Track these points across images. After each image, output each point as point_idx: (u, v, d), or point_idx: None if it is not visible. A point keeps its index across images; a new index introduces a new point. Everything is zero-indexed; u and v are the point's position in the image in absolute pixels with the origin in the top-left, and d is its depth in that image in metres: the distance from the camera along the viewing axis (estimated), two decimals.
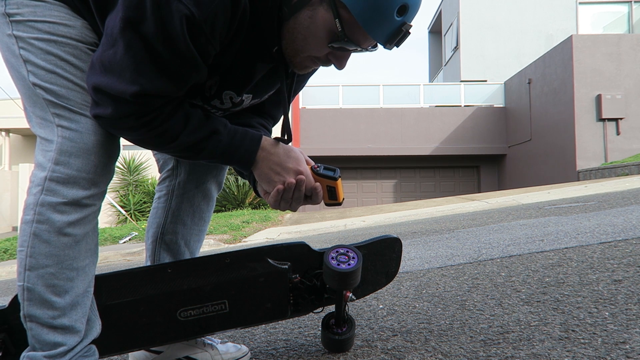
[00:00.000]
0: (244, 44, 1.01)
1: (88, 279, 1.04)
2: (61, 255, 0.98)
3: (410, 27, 0.98)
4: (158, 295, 1.20)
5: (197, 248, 1.38)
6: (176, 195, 1.34)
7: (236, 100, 1.12)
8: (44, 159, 0.99)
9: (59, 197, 0.97)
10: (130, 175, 12.08)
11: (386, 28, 0.96)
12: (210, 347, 1.36)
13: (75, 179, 0.98)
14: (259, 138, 1.09)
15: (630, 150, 10.78)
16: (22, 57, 0.99)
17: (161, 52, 0.91)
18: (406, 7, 0.95)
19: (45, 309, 0.98)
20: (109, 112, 0.96)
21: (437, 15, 21.21)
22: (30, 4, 0.98)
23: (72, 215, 0.98)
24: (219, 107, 1.14)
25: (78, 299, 1.01)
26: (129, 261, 5.68)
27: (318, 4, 0.97)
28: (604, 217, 3.50)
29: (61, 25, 0.99)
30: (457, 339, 1.34)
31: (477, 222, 4.58)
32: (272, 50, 1.05)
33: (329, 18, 0.96)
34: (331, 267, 1.19)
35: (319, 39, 1.00)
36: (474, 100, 15.35)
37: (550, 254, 2.33)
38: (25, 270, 0.98)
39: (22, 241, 0.99)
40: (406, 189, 15.70)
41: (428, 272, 2.39)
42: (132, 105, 0.95)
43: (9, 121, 13.14)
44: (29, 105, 1.02)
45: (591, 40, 11.27)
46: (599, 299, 1.52)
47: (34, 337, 0.99)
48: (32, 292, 0.98)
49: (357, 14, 0.94)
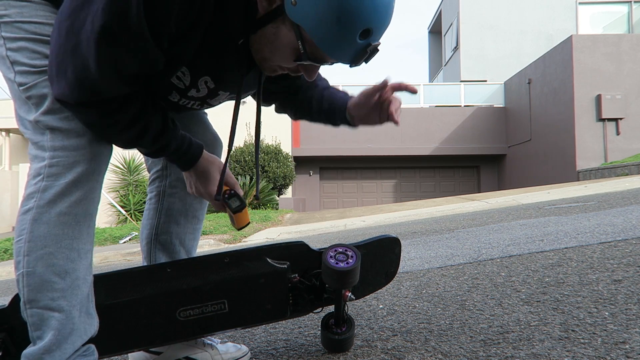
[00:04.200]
0: (208, 32, 0.98)
1: (87, 264, 1.03)
2: (60, 234, 0.98)
3: (378, 45, 0.96)
4: (157, 295, 1.20)
5: (193, 247, 1.38)
6: (167, 195, 1.34)
7: (211, 86, 1.10)
8: (39, 151, 1.00)
9: (61, 179, 0.98)
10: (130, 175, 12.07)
11: (349, 51, 0.95)
12: (210, 347, 1.36)
13: (74, 157, 0.99)
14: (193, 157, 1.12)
15: (630, 150, 10.78)
16: (9, 59, 0.99)
17: (112, 26, 0.87)
18: (369, 30, 0.92)
19: (46, 291, 0.97)
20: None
21: (437, 15, 21.20)
22: (17, 4, 0.99)
23: (74, 195, 0.99)
24: (196, 97, 1.12)
25: (78, 282, 1.01)
26: (129, 261, 5.68)
27: (281, 23, 0.95)
28: (603, 217, 3.50)
29: (47, 25, 1.00)
30: (457, 339, 1.34)
31: (477, 222, 4.58)
32: (237, 43, 1.03)
33: (292, 37, 0.96)
34: (330, 266, 1.19)
35: (284, 54, 0.99)
36: (474, 100, 15.35)
37: (550, 254, 2.33)
38: (24, 256, 0.98)
39: (20, 231, 0.99)
40: (406, 189, 15.69)
41: (428, 272, 2.39)
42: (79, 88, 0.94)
43: (9, 121, 13.13)
44: (18, 107, 1.03)
45: (591, 40, 11.27)
46: (599, 299, 1.52)
47: (33, 324, 0.98)
48: (31, 275, 0.97)
49: (318, 39, 0.92)
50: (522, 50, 16.67)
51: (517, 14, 16.84)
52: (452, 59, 18.66)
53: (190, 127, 1.31)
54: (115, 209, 11.08)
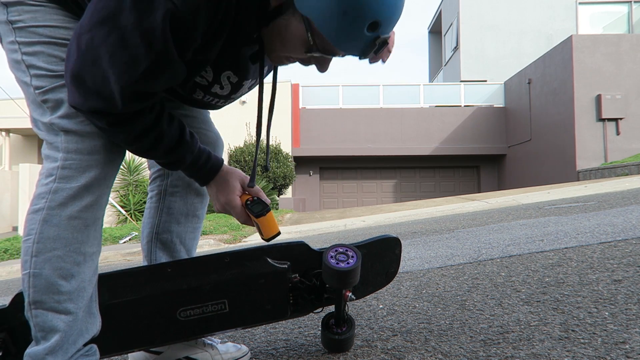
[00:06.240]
0: (226, 38, 1.01)
1: (94, 267, 1.05)
2: (69, 238, 0.99)
3: (387, 38, 0.96)
4: (158, 295, 1.20)
5: (193, 246, 1.39)
6: (168, 194, 1.34)
7: (234, 81, 1.12)
8: (52, 151, 1.01)
9: (73, 182, 0.99)
10: (130, 175, 12.07)
11: (358, 44, 0.94)
12: (210, 347, 1.36)
13: (88, 161, 1.00)
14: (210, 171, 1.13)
15: (630, 150, 10.79)
16: (25, 63, 1.00)
17: (137, 45, 0.88)
18: (378, 23, 0.91)
19: (52, 294, 0.98)
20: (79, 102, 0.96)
21: (437, 15, 21.20)
22: (30, 9, 0.99)
23: (85, 199, 1.00)
24: (220, 95, 1.14)
25: (84, 285, 1.02)
26: (129, 261, 5.68)
27: (292, 15, 0.96)
28: (603, 217, 3.50)
29: (61, 29, 1.01)
30: (457, 339, 1.34)
31: (477, 222, 4.58)
32: (252, 37, 1.05)
33: (301, 30, 0.96)
34: (330, 266, 1.19)
35: (295, 46, 1.00)
36: (474, 100, 15.35)
37: (550, 254, 2.33)
38: (32, 257, 0.98)
39: (29, 230, 1.00)
40: (406, 189, 15.70)
41: (428, 272, 2.39)
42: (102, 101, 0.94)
43: (9, 121, 13.13)
44: (33, 110, 1.04)
45: (591, 40, 11.27)
46: (599, 299, 1.52)
47: (38, 324, 0.99)
48: (38, 277, 0.98)
49: (326, 32, 0.92)
50: (522, 50, 16.66)
51: (517, 14, 16.84)
52: (452, 59, 18.66)
53: (192, 126, 1.32)
54: (115, 209, 11.07)
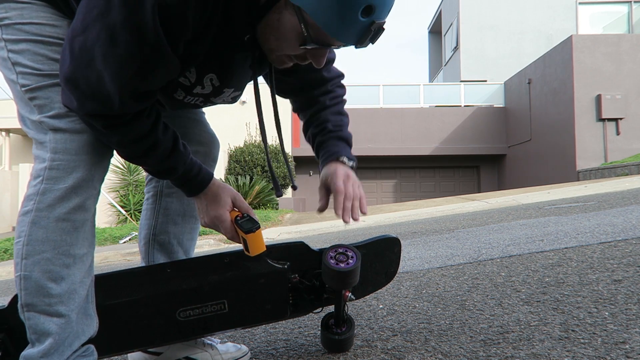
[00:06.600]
0: (217, 33, 0.99)
1: (85, 268, 1.04)
2: (58, 241, 0.99)
3: (382, 24, 0.94)
4: (157, 295, 1.20)
5: (191, 247, 1.38)
6: (165, 195, 1.34)
7: (216, 84, 1.11)
8: (41, 151, 1.00)
9: (60, 183, 0.98)
10: (130, 175, 12.06)
11: (353, 30, 0.92)
12: (210, 347, 1.36)
13: (75, 161, 0.99)
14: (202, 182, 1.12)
15: (630, 150, 10.78)
16: (11, 60, 1.00)
17: (128, 41, 0.88)
18: (372, 7, 0.89)
19: (42, 296, 0.98)
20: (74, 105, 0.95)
21: (437, 15, 21.20)
22: (17, 7, 0.99)
23: (72, 201, 0.99)
24: (201, 94, 1.12)
25: (75, 287, 1.01)
26: (129, 261, 5.68)
27: (284, 8, 0.95)
28: (603, 217, 3.50)
29: (48, 26, 1.00)
30: (457, 339, 1.34)
31: (477, 222, 4.58)
32: (243, 39, 1.03)
33: (294, 22, 0.95)
34: (330, 267, 1.19)
35: (289, 40, 0.99)
36: (474, 100, 15.35)
37: (550, 254, 2.33)
38: (22, 259, 0.98)
39: (19, 232, 0.99)
40: (406, 189, 15.69)
41: (428, 272, 2.39)
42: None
43: (9, 121, 13.12)
44: (20, 107, 1.03)
45: (591, 40, 11.27)
46: (599, 299, 1.52)
47: (31, 327, 0.99)
48: (28, 279, 0.98)
49: (319, 20, 0.91)
50: (522, 50, 16.66)
51: (517, 14, 16.84)
52: (452, 59, 18.66)
53: (187, 127, 1.31)
54: (115, 209, 11.07)
